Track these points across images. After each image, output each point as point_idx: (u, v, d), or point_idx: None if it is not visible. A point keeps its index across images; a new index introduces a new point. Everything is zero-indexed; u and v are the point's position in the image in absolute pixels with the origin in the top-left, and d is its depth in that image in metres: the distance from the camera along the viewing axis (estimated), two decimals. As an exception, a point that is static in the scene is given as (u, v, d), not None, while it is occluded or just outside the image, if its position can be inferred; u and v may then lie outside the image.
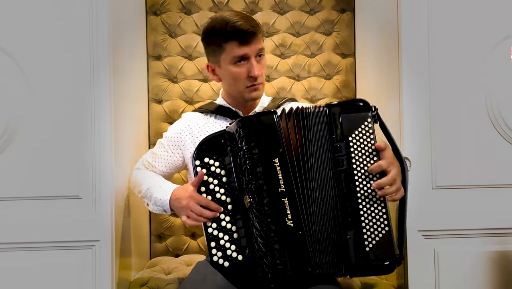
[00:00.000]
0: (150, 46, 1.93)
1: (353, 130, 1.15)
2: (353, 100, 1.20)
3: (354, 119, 1.16)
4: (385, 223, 1.13)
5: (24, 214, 1.36)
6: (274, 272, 1.12)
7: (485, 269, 1.42)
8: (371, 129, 1.15)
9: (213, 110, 1.44)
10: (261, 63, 1.35)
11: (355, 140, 1.15)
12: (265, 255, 1.13)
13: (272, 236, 1.13)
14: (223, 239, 1.16)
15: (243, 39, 1.29)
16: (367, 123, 1.15)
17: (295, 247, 1.13)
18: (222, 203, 1.19)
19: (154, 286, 1.47)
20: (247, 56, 1.32)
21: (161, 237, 1.88)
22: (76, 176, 1.37)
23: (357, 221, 1.12)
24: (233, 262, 1.16)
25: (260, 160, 1.14)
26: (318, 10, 1.98)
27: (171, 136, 1.44)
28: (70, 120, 1.37)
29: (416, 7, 1.43)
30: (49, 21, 1.38)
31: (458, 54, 1.43)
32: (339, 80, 1.95)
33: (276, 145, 1.15)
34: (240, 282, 1.17)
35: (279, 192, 1.13)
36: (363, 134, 1.15)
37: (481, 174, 1.42)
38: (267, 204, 1.13)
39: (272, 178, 1.13)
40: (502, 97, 1.42)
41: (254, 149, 1.15)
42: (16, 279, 1.36)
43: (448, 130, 1.42)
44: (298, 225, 1.13)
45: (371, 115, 1.15)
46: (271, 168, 1.14)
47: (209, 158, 1.20)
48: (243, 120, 1.18)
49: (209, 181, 1.19)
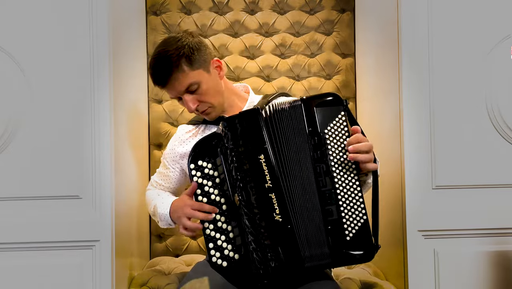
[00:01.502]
0: (150, 46, 1.93)
1: (328, 123, 1.18)
2: (325, 94, 1.21)
3: (329, 112, 1.19)
4: (362, 212, 1.16)
5: (24, 214, 1.36)
6: (265, 267, 1.13)
7: (485, 269, 1.42)
8: (345, 122, 1.18)
9: (202, 120, 1.45)
10: (198, 94, 1.32)
11: (330, 132, 1.18)
12: (256, 251, 1.14)
13: (262, 231, 1.14)
14: (220, 240, 1.18)
15: (162, 86, 1.33)
16: (340, 116, 1.18)
17: (285, 242, 1.14)
18: (217, 204, 1.20)
19: (154, 286, 1.47)
20: (175, 97, 1.35)
21: (161, 237, 1.88)
22: (76, 176, 1.37)
23: (337, 212, 1.15)
24: (231, 262, 1.17)
25: (246, 157, 1.16)
26: (318, 10, 1.98)
27: (168, 153, 1.46)
28: (70, 120, 1.38)
29: (416, 7, 1.43)
30: (49, 21, 1.38)
31: (458, 54, 1.43)
32: (339, 80, 1.95)
33: (260, 141, 1.16)
34: (239, 282, 1.17)
35: (266, 188, 1.15)
36: (338, 126, 1.18)
37: (481, 174, 1.42)
38: (255, 200, 1.15)
39: (258, 174, 1.15)
40: (502, 97, 1.42)
41: (240, 147, 1.17)
42: (16, 279, 1.36)
43: (448, 130, 1.42)
44: (287, 219, 1.14)
45: (343, 109, 1.19)
46: (257, 164, 1.15)
47: (202, 160, 1.22)
48: (227, 120, 1.19)
49: (203, 183, 1.21)
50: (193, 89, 1.31)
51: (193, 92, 1.32)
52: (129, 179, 1.61)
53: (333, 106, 1.19)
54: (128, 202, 1.59)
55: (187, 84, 1.30)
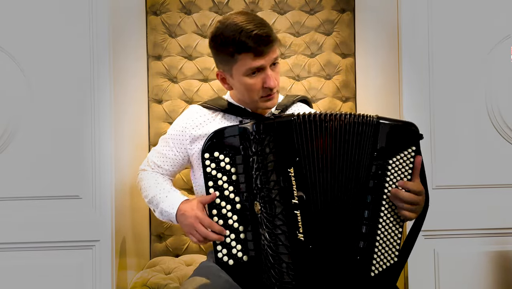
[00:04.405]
0: (150, 46, 1.93)
1: (395, 154, 1.10)
2: (407, 123, 1.13)
3: (401, 142, 1.11)
4: (395, 253, 1.11)
5: (24, 214, 1.36)
6: (280, 284, 1.09)
7: (485, 269, 1.42)
8: (412, 158, 1.11)
9: (222, 108, 1.34)
10: (275, 71, 1.25)
11: (394, 164, 1.10)
12: (273, 267, 1.09)
13: (281, 248, 1.08)
14: (229, 237, 1.13)
15: (258, 51, 1.18)
16: (410, 150, 1.11)
17: (304, 262, 1.08)
18: (230, 201, 1.14)
19: (154, 286, 1.47)
20: (262, 67, 1.21)
21: (161, 237, 1.88)
22: (76, 176, 1.37)
23: (371, 245, 1.10)
24: (238, 262, 1.12)
25: (275, 168, 1.09)
26: (318, 10, 1.98)
27: (175, 134, 1.35)
28: (70, 120, 1.38)
29: (416, 7, 1.43)
30: (49, 21, 1.38)
31: (458, 54, 1.43)
32: (339, 80, 1.95)
33: (293, 153, 1.09)
34: (244, 283, 1.14)
35: (292, 204, 1.08)
36: (404, 160, 1.11)
37: (481, 174, 1.42)
38: (279, 215, 1.08)
39: (286, 187, 1.08)
40: (502, 97, 1.42)
41: (269, 155, 1.09)
42: (16, 279, 1.36)
43: (448, 130, 1.43)
44: (309, 239, 1.08)
45: (417, 143, 1.11)
46: (286, 178, 1.08)
47: (219, 152, 1.14)
48: (259, 123, 1.11)
49: (217, 177, 1.14)
50: (275, 63, 1.24)
51: (272, 69, 1.24)
52: (129, 179, 1.61)
53: (408, 138, 1.11)
54: (128, 202, 1.59)
55: (277, 55, 1.23)
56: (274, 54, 1.21)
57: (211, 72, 1.93)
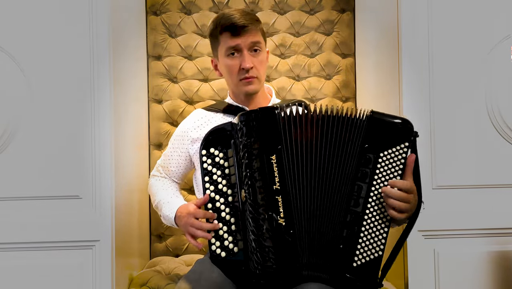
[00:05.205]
0: (150, 46, 1.93)
1: (387, 148, 1.10)
2: (401, 118, 1.13)
3: (393, 136, 1.11)
4: (380, 247, 1.10)
5: (24, 214, 1.36)
6: (262, 268, 1.12)
7: (485, 269, 1.42)
8: (405, 154, 1.10)
9: (221, 109, 1.44)
10: (257, 57, 1.35)
11: (385, 157, 1.10)
12: (256, 251, 1.12)
13: (264, 232, 1.12)
14: (222, 230, 1.17)
15: (234, 30, 1.31)
16: (403, 146, 1.10)
17: (285, 246, 1.11)
18: (224, 194, 1.19)
19: (154, 286, 1.47)
20: (239, 48, 1.33)
21: (161, 237, 1.88)
22: (76, 176, 1.37)
23: (356, 235, 1.10)
24: (229, 253, 1.16)
25: (258, 155, 1.13)
26: (318, 10, 1.98)
27: (178, 135, 1.46)
28: (70, 120, 1.38)
29: (416, 7, 1.43)
30: (49, 21, 1.38)
31: (458, 54, 1.43)
32: (339, 80, 1.95)
33: (275, 141, 1.13)
34: (235, 276, 1.17)
35: (273, 189, 1.12)
36: (396, 155, 1.10)
37: (481, 174, 1.42)
38: (261, 200, 1.12)
39: (267, 174, 1.12)
40: (502, 97, 1.42)
41: (253, 144, 1.14)
42: (16, 279, 1.36)
43: (448, 130, 1.43)
44: (290, 224, 1.11)
45: (410, 140, 1.10)
46: (268, 164, 1.12)
47: (214, 148, 1.21)
48: (245, 114, 1.17)
49: (212, 172, 1.20)
50: (255, 49, 1.35)
51: (253, 55, 1.34)
52: (129, 179, 1.61)
53: (401, 133, 1.11)
54: (128, 202, 1.59)
55: (256, 40, 1.34)
56: (253, 38, 1.33)
57: (211, 72, 1.93)
